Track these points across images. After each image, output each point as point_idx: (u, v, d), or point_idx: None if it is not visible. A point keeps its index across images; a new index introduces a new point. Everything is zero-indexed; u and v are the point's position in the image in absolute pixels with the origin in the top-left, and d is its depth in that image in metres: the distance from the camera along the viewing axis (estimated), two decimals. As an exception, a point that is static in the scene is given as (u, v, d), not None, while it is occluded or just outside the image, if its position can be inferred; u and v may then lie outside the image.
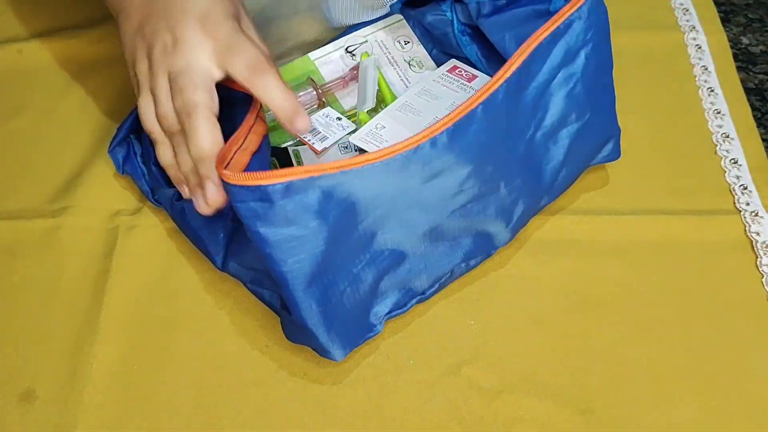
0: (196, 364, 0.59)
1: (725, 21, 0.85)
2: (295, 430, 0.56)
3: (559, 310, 0.61)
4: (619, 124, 0.66)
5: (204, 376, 0.58)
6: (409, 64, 0.72)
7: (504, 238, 0.62)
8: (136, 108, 0.58)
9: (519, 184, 0.60)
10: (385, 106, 0.67)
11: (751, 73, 0.83)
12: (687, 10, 0.82)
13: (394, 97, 0.69)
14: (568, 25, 0.58)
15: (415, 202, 0.54)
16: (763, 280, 0.63)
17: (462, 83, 0.68)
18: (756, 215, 0.66)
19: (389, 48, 0.72)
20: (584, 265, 0.64)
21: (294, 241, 0.51)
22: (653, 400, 0.57)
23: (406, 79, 0.72)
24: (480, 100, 0.54)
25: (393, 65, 0.72)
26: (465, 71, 0.69)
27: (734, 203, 0.67)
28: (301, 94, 0.69)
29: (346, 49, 0.72)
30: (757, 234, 0.65)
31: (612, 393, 0.57)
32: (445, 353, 0.59)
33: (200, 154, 0.53)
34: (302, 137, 0.67)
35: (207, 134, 0.53)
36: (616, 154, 0.67)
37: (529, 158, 0.60)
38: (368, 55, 0.71)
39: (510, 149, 0.58)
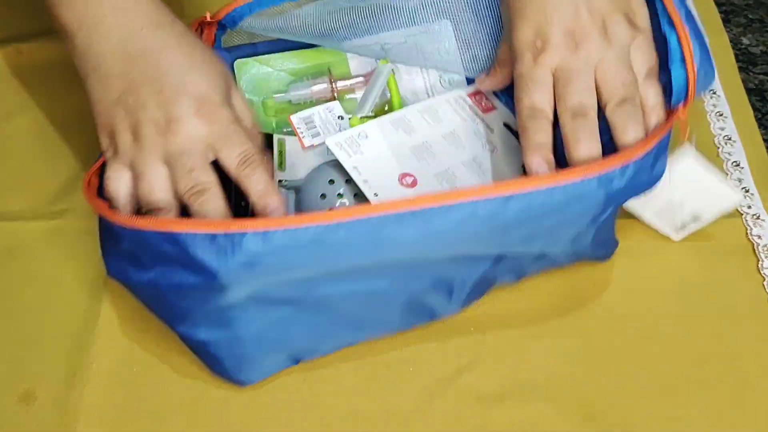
0: (196, 365, 0.58)
1: (725, 21, 0.84)
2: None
3: (559, 315, 0.61)
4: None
5: (205, 377, 0.58)
6: (440, 78, 0.69)
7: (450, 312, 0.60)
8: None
9: (476, 279, 0.58)
10: None
11: (751, 74, 0.83)
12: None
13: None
14: (606, 179, 0.53)
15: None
16: (765, 283, 0.63)
17: (475, 112, 0.65)
18: (757, 218, 0.66)
19: (426, 55, 0.69)
20: (584, 270, 0.63)
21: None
22: (655, 406, 0.57)
23: (432, 91, 0.69)
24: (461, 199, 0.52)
25: (423, 73, 0.69)
26: (486, 99, 0.66)
27: (736, 206, 0.67)
28: (317, 82, 0.68)
29: (382, 46, 0.68)
30: (759, 237, 0.65)
31: (613, 399, 0.57)
32: (445, 359, 0.59)
33: None
34: (296, 128, 0.66)
35: (219, 214, 0.53)
36: (604, 259, 0.64)
37: (501, 263, 0.58)
38: (386, 62, 0.68)
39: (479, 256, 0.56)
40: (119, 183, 0.55)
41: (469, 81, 0.69)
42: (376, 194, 0.58)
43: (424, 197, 0.51)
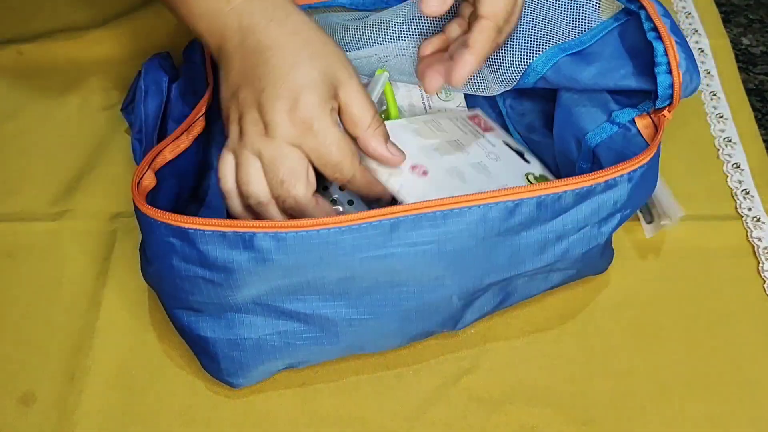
0: (195, 368, 0.58)
1: (725, 21, 0.84)
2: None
3: (558, 318, 0.61)
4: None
5: (203, 381, 0.58)
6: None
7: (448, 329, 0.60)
8: (143, 69, 0.64)
9: (479, 299, 0.58)
10: None
11: (751, 74, 0.82)
12: (690, 14, 0.82)
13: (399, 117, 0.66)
14: (611, 185, 0.55)
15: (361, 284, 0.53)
16: (765, 285, 0.63)
17: (476, 130, 0.65)
18: (758, 220, 0.66)
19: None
20: (584, 272, 0.63)
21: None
22: (655, 409, 0.57)
23: (428, 103, 0.69)
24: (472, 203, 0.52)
25: (419, 86, 0.68)
26: (485, 121, 0.66)
27: (736, 208, 0.67)
28: None
29: (379, 59, 0.67)
30: (759, 239, 0.65)
31: (613, 403, 0.57)
32: (446, 363, 0.59)
33: None
34: None
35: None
36: (603, 271, 0.64)
37: (503, 284, 0.58)
38: (383, 71, 0.66)
39: (485, 270, 0.55)
40: (227, 167, 0.55)
41: (468, 101, 0.70)
42: (390, 174, 0.57)
43: (433, 201, 0.51)
